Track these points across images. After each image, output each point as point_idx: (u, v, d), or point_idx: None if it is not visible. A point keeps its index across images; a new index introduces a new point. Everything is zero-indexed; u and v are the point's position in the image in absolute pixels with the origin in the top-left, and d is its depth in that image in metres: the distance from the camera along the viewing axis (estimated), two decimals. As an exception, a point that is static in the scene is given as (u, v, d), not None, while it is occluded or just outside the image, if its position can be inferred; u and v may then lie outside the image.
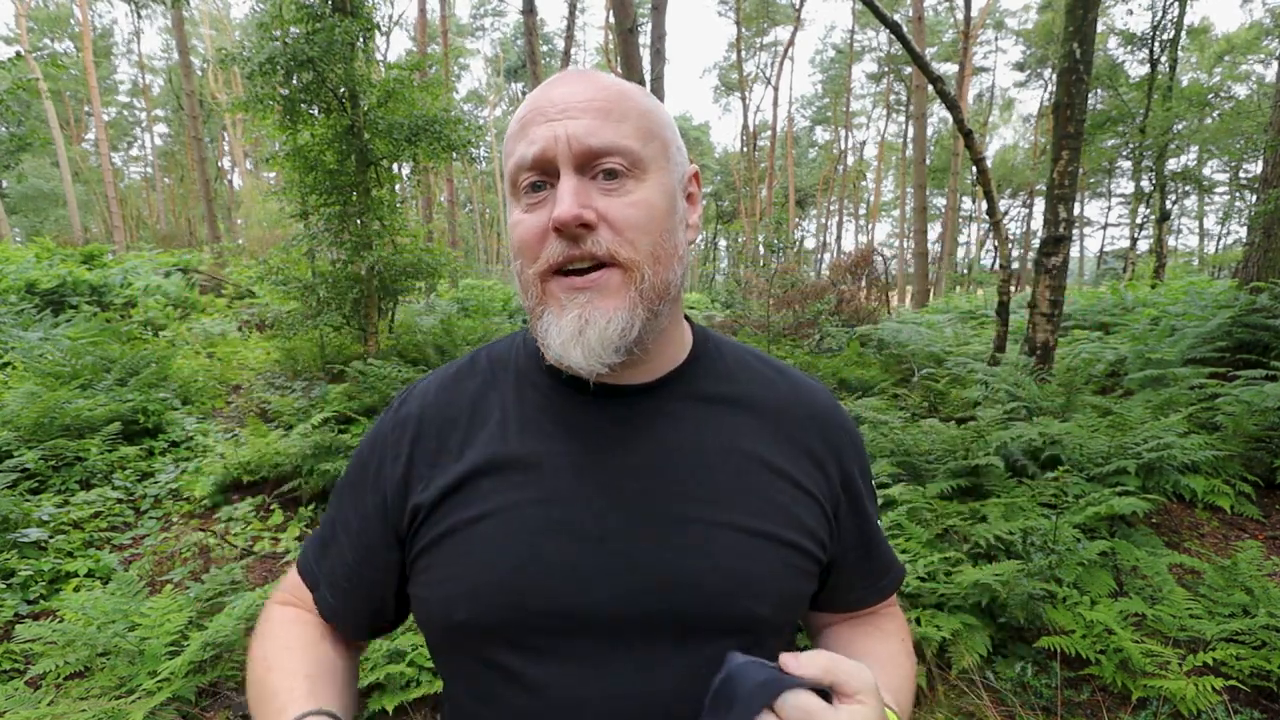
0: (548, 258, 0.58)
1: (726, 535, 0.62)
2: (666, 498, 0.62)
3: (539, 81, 11.64)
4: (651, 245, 0.59)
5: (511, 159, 0.60)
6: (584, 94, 0.59)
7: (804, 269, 13.85)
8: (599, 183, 0.58)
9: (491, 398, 0.68)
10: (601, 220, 0.57)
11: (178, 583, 2.99)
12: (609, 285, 0.58)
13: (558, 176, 0.58)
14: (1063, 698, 2.29)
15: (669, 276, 0.61)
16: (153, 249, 14.85)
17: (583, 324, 0.57)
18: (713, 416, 0.67)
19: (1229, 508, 3.43)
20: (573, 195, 0.56)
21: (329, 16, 5.52)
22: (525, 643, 0.60)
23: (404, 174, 8.08)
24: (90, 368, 5.32)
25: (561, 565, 0.60)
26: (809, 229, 49.64)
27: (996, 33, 33.41)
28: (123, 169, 41.90)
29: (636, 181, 0.59)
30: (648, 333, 0.60)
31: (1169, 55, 14.93)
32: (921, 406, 5.17)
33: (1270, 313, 5.30)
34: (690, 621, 0.60)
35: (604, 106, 0.59)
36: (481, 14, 38.61)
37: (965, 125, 5.37)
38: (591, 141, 0.57)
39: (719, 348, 0.73)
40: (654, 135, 0.61)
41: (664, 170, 0.62)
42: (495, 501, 0.62)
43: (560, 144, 0.57)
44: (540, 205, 0.59)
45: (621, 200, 0.58)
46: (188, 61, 17.89)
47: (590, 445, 0.64)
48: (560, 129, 0.57)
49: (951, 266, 28.54)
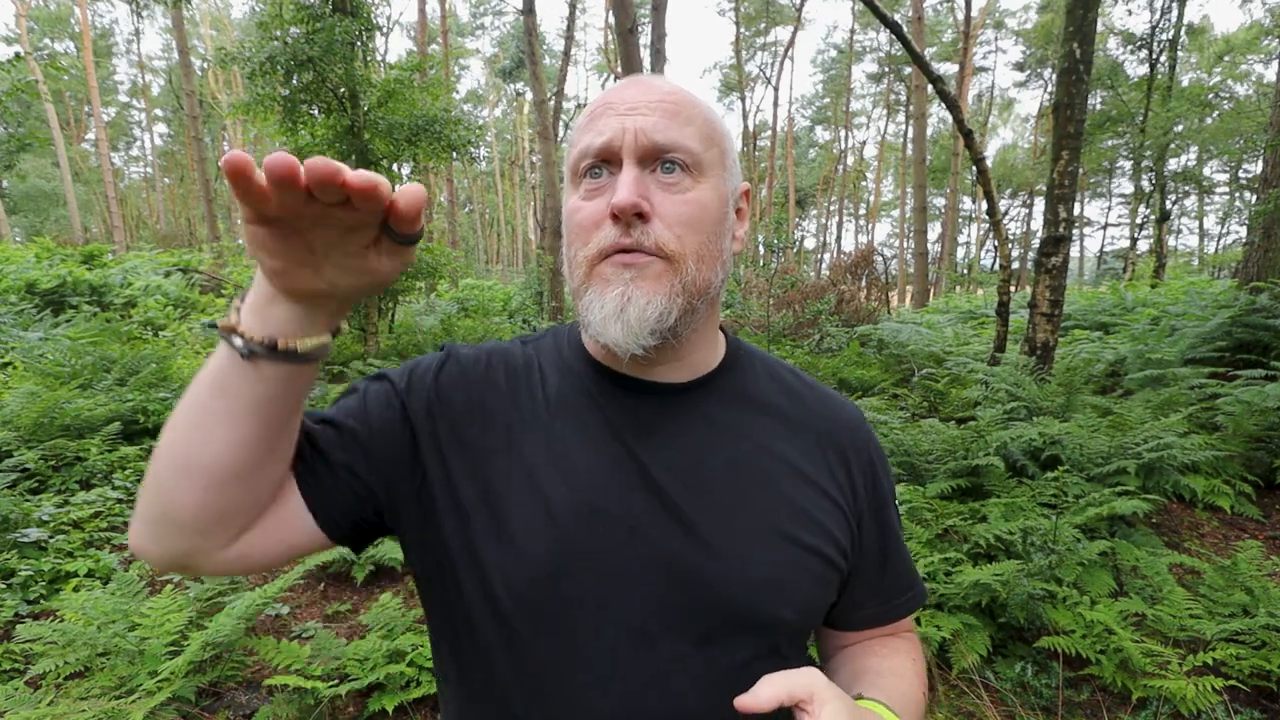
0: (599, 242, 0.60)
1: (756, 537, 0.63)
2: (698, 495, 0.63)
3: (539, 81, 11.65)
4: (698, 244, 0.61)
5: (576, 148, 0.63)
6: (655, 94, 0.62)
7: (804, 269, 13.85)
8: (658, 176, 0.61)
9: (534, 380, 0.69)
10: (655, 214, 0.59)
11: (178, 583, 2.99)
12: (652, 270, 0.60)
13: (619, 167, 0.60)
14: (1063, 698, 2.29)
15: (710, 276, 0.63)
16: (153, 249, 14.86)
17: (624, 301, 0.59)
18: (745, 420, 0.68)
19: (1229, 508, 3.43)
20: (633, 183, 0.59)
21: (329, 16, 5.52)
22: (551, 626, 0.60)
23: (404, 174, 8.07)
24: (90, 368, 5.32)
25: (593, 554, 0.61)
26: (809, 229, 49.66)
27: (996, 33, 33.42)
28: (123, 169, 41.94)
29: (693, 180, 0.61)
30: (684, 325, 0.62)
31: (1169, 55, 14.93)
32: (921, 406, 5.17)
33: (1270, 313, 5.30)
34: (715, 620, 0.61)
35: (672, 108, 0.61)
36: (481, 14, 38.61)
37: (965, 125, 5.36)
38: (657, 137, 0.59)
39: (751, 356, 0.75)
40: (714, 143, 0.64)
41: (720, 176, 0.64)
42: (531, 483, 0.62)
43: (627, 135, 0.59)
44: (598, 192, 0.61)
45: (677, 197, 0.60)
46: (188, 61, 17.90)
47: (626, 438, 0.64)
48: (630, 122, 0.60)
49: (951, 266, 28.52)
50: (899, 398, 5.45)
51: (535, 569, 0.60)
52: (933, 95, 13.49)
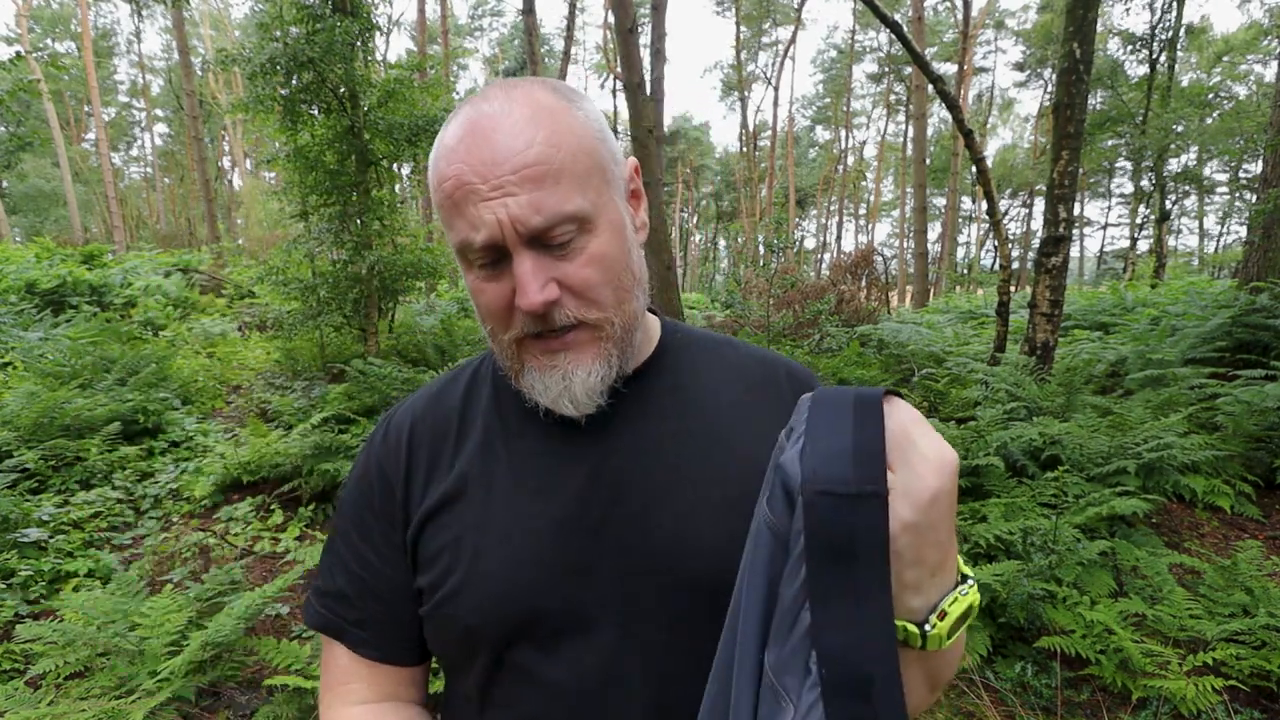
0: (518, 330, 0.60)
1: (710, 510, 0.63)
2: (651, 481, 0.64)
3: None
4: (613, 292, 0.60)
5: (455, 235, 0.58)
6: (511, 162, 0.54)
7: (804, 269, 13.85)
8: (551, 252, 0.57)
9: (475, 410, 0.70)
10: (563, 290, 0.58)
11: (178, 583, 2.99)
12: (579, 340, 0.60)
13: (508, 254, 0.57)
14: (1063, 698, 2.29)
15: (635, 308, 0.62)
16: (153, 249, 14.87)
17: (567, 382, 0.60)
18: (685, 397, 0.69)
19: (1229, 508, 3.43)
20: (533, 279, 0.56)
21: (329, 17, 5.52)
22: (533, 643, 0.61)
23: (404, 174, 8.08)
24: (90, 368, 5.32)
25: (564, 561, 0.61)
26: (809, 229, 49.67)
27: (996, 33, 33.42)
28: (123, 169, 41.92)
29: (589, 236, 0.58)
30: (626, 365, 0.63)
31: (1168, 55, 14.94)
32: (921, 406, 5.17)
33: (1270, 313, 5.30)
34: (684, 601, 0.61)
35: (536, 172, 0.54)
36: (480, 14, 38.59)
37: (965, 125, 5.36)
38: (536, 221, 0.55)
39: (687, 336, 0.75)
40: (591, 171, 0.58)
41: (609, 201, 0.60)
42: (490, 509, 0.64)
43: (506, 229, 0.55)
44: (499, 278, 0.58)
45: (577, 263, 0.57)
46: (188, 61, 17.89)
47: (573, 443, 0.65)
48: (501, 212, 0.54)
49: (951, 266, 28.53)
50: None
51: (508, 593, 0.61)
52: (933, 95, 13.49)
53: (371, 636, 0.68)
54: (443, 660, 0.70)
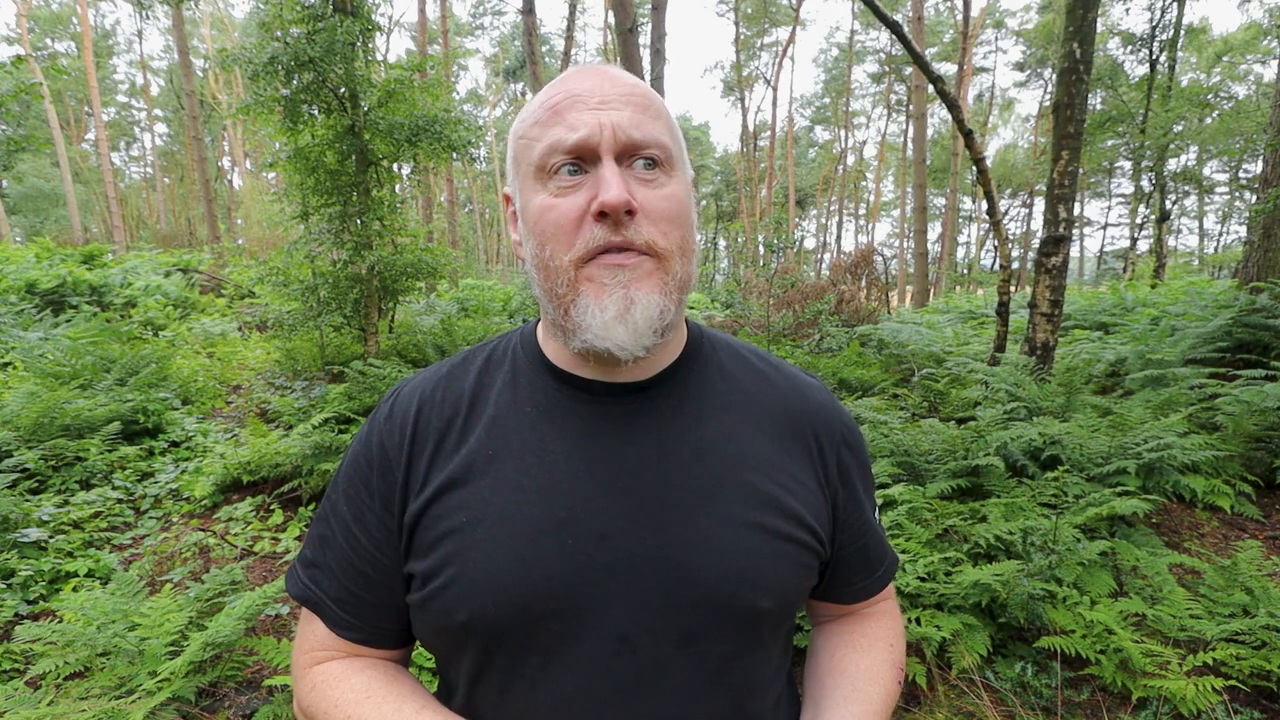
0: (586, 243, 0.57)
1: (728, 530, 0.61)
2: (667, 494, 0.61)
3: (538, 81, 11.64)
4: (681, 239, 0.60)
5: (542, 142, 0.59)
6: (621, 87, 0.60)
7: (804, 269, 13.85)
8: (636, 172, 0.59)
9: (487, 395, 0.67)
10: (641, 210, 0.58)
11: (178, 583, 2.99)
12: (645, 269, 0.58)
13: (595, 164, 0.58)
14: (1063, 698, 2.29)
15: (691, 270, 0.62)
16: (153, 249, 14.87)
17: (629, 303, 0.57)
18: (710, 412, 0.66)
19: (1229, 508, 3.43)
20: (618, 180, 0.56)
21: (330, 17, 5.52)
22: (530, 643, 0.59)
23: (404, 174, 8.07)
24: (90, 368, 5.32)
25: (565, 564, 0.59)
26: (809, 229, 49.65)
27: (996, 33, 33.41)
28: (123, 169, 41.92)
29: (668, 176, 0.61)
30: (675, 322, 0.61)
31: (1168, 55, 14.93)
32: (921, 406, 5.17)
33: (1270, 313, 5.30)
34: (695, 619, 0.60)
35: (642, 102, 0.60)
36: (481, 14, 38.59)
37: (965, 125, 5.36)
38: (634, 133, 0.58)
39: (714, 344, 0.73)
40: (677, 138, 0.64)
41: (684, 171, 0.64)
42: (495, 501, 0.61)
43: (605, 131, 0.57)
44: (574, 190, 0.58)
45: (658, 193, 0.59)
46: (188, 61, 17.89)
47: (590, 443, 0.63)
48: (605, 117, 0.57)
49: (951, 266, 28.53)
50: (899, 398, 5.45)
51: (509, 590, 0.59)
52: (933, 95, 13.49)
53: (352, 617, 0.67)
54: (431, 651, 0.68)
